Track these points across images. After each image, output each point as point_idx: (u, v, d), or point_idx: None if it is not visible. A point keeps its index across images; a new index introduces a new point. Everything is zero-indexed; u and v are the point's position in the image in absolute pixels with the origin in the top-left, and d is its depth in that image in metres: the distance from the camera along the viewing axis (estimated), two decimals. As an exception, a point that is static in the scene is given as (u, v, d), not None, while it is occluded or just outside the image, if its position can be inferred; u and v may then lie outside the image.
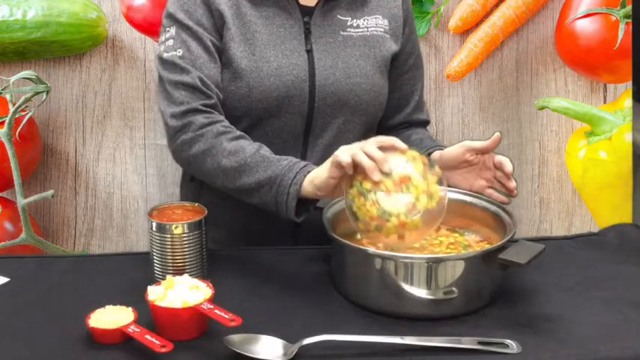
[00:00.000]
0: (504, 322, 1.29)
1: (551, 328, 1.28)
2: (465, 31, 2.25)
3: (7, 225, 2.16)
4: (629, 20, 2.16)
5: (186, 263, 1.38)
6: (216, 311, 1.22)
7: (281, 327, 1.25)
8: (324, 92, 1.57)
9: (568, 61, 2.25)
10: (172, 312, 1.24)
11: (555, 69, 2.27)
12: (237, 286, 1.41)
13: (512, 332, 1.25)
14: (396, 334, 1.23)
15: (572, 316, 1.31)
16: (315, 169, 1.40)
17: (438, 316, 1.30)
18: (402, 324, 1.28)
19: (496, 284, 1.36)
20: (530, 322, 1.29)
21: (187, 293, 1.26)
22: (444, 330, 1.26)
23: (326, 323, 1.28)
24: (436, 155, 1.55)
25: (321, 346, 1.20)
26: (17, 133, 2.08)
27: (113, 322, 1.24)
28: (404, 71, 1.70)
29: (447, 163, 1.51)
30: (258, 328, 1.23)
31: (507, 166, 1.45)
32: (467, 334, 1.24)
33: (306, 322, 1.29)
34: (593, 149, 2.23)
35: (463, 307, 1.31)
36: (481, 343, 1.22)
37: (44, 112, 2.20)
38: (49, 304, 1.37)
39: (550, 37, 2.26)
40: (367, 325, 1.29)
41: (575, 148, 2.26)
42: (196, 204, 1.45)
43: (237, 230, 1.64)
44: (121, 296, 1.32)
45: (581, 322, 1.29)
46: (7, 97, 2.08)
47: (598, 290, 1.39)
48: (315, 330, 1.22)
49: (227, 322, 1.20)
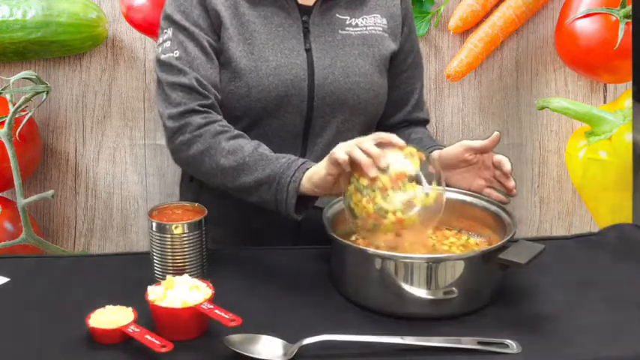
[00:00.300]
0: (504, 322, 1.29)
1: (551, 328, 1.28)
2: (465, 31, 2.25)
3: (7, 225, 2.16)
4: (629, 20, 2.16)
5: (186, 263, 1.38)
6: (216, 311, 1.22)
7: (281, 327, 1.25)
8: (323, 91, 1.57)
9: (568, 61, 2.25)
10: (172, 312, 1.24)
11: (555, 69, 2.27)
12: (237, 286, 1.41)
13: (512, 332, 1.25)
14: (396, 334, 1.23)
15: (572, 316, 1.31)
16: (314, 166, 1.40)
17: (438, 316, 1.30)
18: (402, 324, 1.28)
19: (496, 284, 1.36)
20: (530, 322, 1.29)
21: (187, 293, 1.26)
22: (444, 330, 1.26)
23: (326, 323, 1.27)
24: (435, 155, 1.55)
25: (321, 346, 1.20)
26: (17, 133, 2.08)
27: (113, 322, 1.24)
28: (403, 70, 1.70)
29: (446, 162, 1.51)
30: (258, 328, 1.23)
31: (506, 165, 1.45)
32: (467, 334, 1.24)
33: (306, 322, 1.29)
34: (593, 149, 2.23)
35: (463, 307, 1.31)
36: (481, 343, 1.22)
37: (44, 112, 2.20)
38: (49, 304, 1.37)
39: (550, 37, 2.26)
40: (367, 325, 1.29)
41: (575, 148, 2.26)
42: (196, 204, 1.45)
43: (237, 230, 1.64)
44: (121, 296, 1.32)
45: (581, 322, 1.29)
46: (7, 97, 2.08)
47: (598, 290, 1.39)
48: (315, 330, 1.22)
49: (227, 322, 1.20)
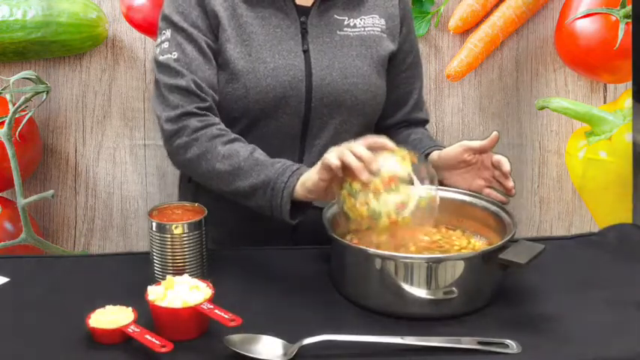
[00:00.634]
0: (504, 322, 1.29)
1: (551, 328, 1.28)
2: (465, 31, 2.25)
3: (7, 225, 2.16)
4: (629, 20, 2.16)
5: (186, 263, 1.38)
6: (216, 311, 1.22)
7: (281, 327, 1.25)
8: (320, 92, 1.57)
9: (568, 61, 2.25)
10: (172, 312, 1.24)
11: (555, 69, 2.27)
12: (237, 286, 1.41)
13: (512, 332, 1.25)
14: (396, 334, 1.23)
15: (572, 316, 1.31)
16: (307, 171, 1.40)
17: (438, 316, 1.30)
18: (402, 324, 1.28)
19: (496, 284, 1.36)
20: (530, 322, 1.29)
21: (187, 293, 1.26)
22: (444, 330, 1.26)
23: (326, 323, 1.27)
24: (434, 155, 1.55)
25: (321, 346, 1.20)
26: (17, 133, 2.08)
27: (113, 322, 1.24)
28: (402, 70, 1.70)
29: (446, 162, 1.51)
30: (258, 328, 1.23)
31: (505, 165, 1.45)
32: (467, 334, 1.24)
33: (306, 322, 1.29)
34: (593, 149, 2.23)
35: (463, 307, 1.31)
36: (481, 343, 1.22)
37: (44, 112, 2.20)
38: (49, 304, 1.37)
39: (550, 37, 2.26)
40: (367, 325, 1.29)
41: (575, 148, 2.26)
42: (196, 204, 1.45)
43: (236, 230, 1.64)
44: (121, 296, 1.32)
45: (581, 322, 1.29)
46: (7, 97, 2.08)
47: (598, 290, 1.39)
48: (315, 330, 1.22)
49: (227, 322, 1.20)
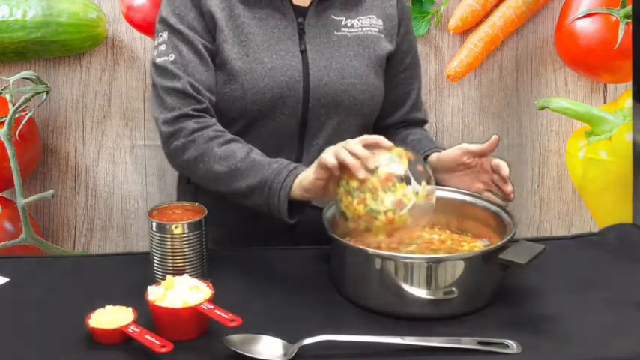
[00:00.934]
0: (504, 322, 1.29)
1: (551, 328, 1.28)
2: (465, 31, 2.25)
3: (7, 225, 2.16)
4: (629, 20, 2.16)
5: (186, 263, 1.38)
6: (216, 311, 1.22)
7: (281, 327, 1.25)
8: (318, 93, 1.57)
9: (568, 61, 2.25)
10: (172, 312, 1.24)
11: (555, 69, 2.27)
12: (237, 286, 1.41)
13: (512, 332, 1.25)
14: (396, 334, 1.23)
15: (572, 316, 1.31)
16: (304, 170, 1.40)
17: (438, 316, 1.30)
18: (402, 324, 1.28)
19: (496, 284, 1.36)
20: (530, 322, 1.29)
21: (187, 293, 1.26)
22: (444, 330, 1.26)
23: (326, 323, 1.27)
24: (433, 157, 1.55)
25: (321, 346, 1.20)
26: (17, 133, 2.08)
27: (113, 322, 1.24)
28: (400, 70, 1.70)
29: (444, 165, 1.51)
30: (258, 328, 1.23)
31: (504, 170, 1.45)
32: (467, 334, 1.24)
33: (306, 322, 1.29)
34: (593, 149, 2.23)
35: (463, 307, 1.31)
36: (481, 343, 1.22)
37: (44, 112, 2.20)
38: (49, 304, 1.37)
39: (550, 37, 2.26)
40: (367, 325, 1.29)
41: (575, 148, 2.26)
42: (196, 204, 1.45)
43: (236, 230, 1.64)
44: (121, 296, 1.32)
45: (581, 322, 1.29)
46: (7, 97, 2.08)
47: (598, 290, 1.39)
48: (315, 330, 1.22)
49: (227, 322, 1.20)
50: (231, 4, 1.57)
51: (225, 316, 1.21)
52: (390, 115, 1.72)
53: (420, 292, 1.29)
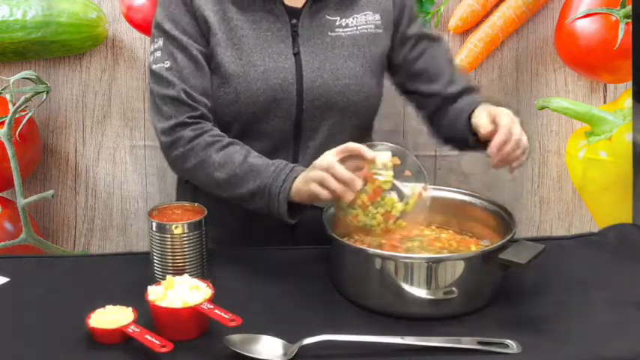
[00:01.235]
0: (504, 322, 1.29)
1: (551, 328, 1.28)
2: (465, 31, 2.25)
3: (7, 225, 2.16)
4: (629, 20, 2.16)
5: (186, 263, 1.38)
6: (216, 311, 1.22)
7: (281, 327, 1.25)
8: (312, 94, 1.57)
9: (568, 61, 2.25)
10: (172, 312, 1.24)
11: (555, 69, 2.27)
12: (237, 286, 1.41)
13: (512, 332, 1.25)
14: (396, 334, 1.23)
15: (572, 316, 1.31)
16: (301, 180, 1.41)
17: (438, 316, 1.30)
18: (402, 324, 1.28)
19: (496, 284, 1.36)
20: (530, 322, 1.29)
21: (187, 293, 1.26)
22: (444, 330, 1.26)
23: (326, 323, 1.28)
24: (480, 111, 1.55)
25: (321, 346, 1.20)
26: (17, 133, 2.08)
27: (113, 322, 1.24)
28: (420, 53, 1.66)
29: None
30: (258, 328, 1.23)
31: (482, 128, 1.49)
32: (467, 334, 1.24)
33: (306, 322, 1.29)
34: (593, 149, 2.22)
35: (463, 307, 1.31)
36: (481, 343, 1.22)
37: (44, 112, 2.20)
38: (49, 304, 1.37)
39: (550, 37, 2.26)
40: (367, 325, 1.29)
41: (575, 148, 2.26)
42: (196, 204, 1.45)
43: (236, 230, 1.64)
44: (121, 296, 1.32)
45: (581, 322, 1.29)
46: (7, 97, 2.07)
47: (598, 290, 1.39)
48: (315, 330, 1.22)
49: (227, 322, 1.20)
50: (224, 7, 1.57)
51: (225, 316, 1.21)
52: (435, 96, 1.67)
53: (420, 292, 1.29)
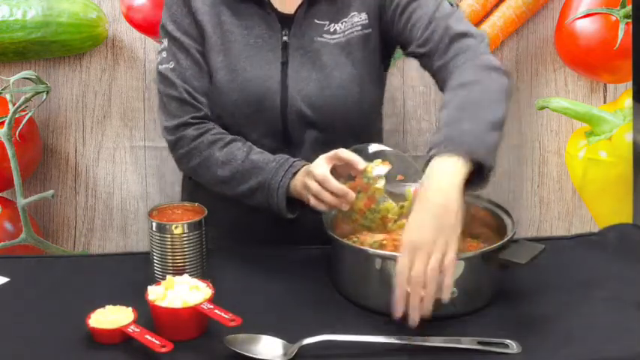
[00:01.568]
0: (504, 322, 1.29)
1: (551, 328, 1.28)
2: (465, 31, 2.25)
3: (7, 225, 2.16)
4: (629, 20, 2.16)
5: (186, 263, 1.38)
6: (216, 311, 1.22)
7: (281, 327, 1.25)
8: (296, 105, 1.55)
9: (568, 61, 2.25)
10: (172, 312, 1.24)
11: (555, 69, 2.27)
12: (237, 286, 1.41)
13: (512, 332, 1.25)
14: (395, 334, 1.23)
15: (572, 316, 1.31)
16: (300, 175, 1.43)
17: (438, 316, 1.30)
18: (402, 324, 1.28)
19: (496, 284, 1.36)
20: (530, 322, 1.29)
21: (187, 293, 1.26)
22: (444, 330, 1.26)
23: (326, 323, 1.27)
24: None
25: (321, 346, 1.20)
26: (17, 133, 2.08)
27: (113, 322, 1.24)
28: (408, 18, 1.53)
29: None
30: (258, 328, 1.23)
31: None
32: (467, 334, 1.24)
33: (306, 322, 1.29)
34: (593, 149, 2.22)
35: (463, 307, 1.31)
36: (481, 343, 1.22)
37: (44, 112, 2.20)
38: (49, 304, 1.37)
39: (550, 37, 2.26)
40: (367, 325, 1.29)
41: (575, 148, 2.26)
42: (196, 204, 1.45)
43: (237, 230, 1.64)
44: (121, 296, 1.32)
45: (581, 322, 1.29)
46: (7, 97, 2.07)
47: (598, 290, 1.39)
48: (315, 330, 1.22)
49: (227, 322, 1.21)
50: (219, 11, 1.56)
51: (225, 316, 1.21)
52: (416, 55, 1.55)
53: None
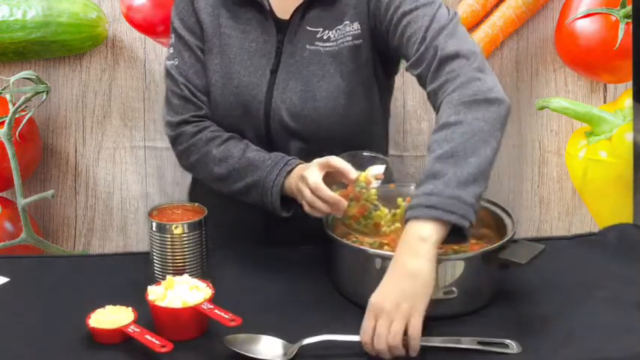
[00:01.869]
0: (504, 322, 1.29)
1: (551, 328, 1.28)
2: (465, 31, 2.25)
3: (7, 225, 2.16)
4: (629, 20, 2.16)
5: (186, 263, 1.38)
6: (216, 311, 1.22)
7: (281, 327, 1.25)
8: (279, 115, 1.53)
9: (568, 61, 2.25)
10: (172, 312, 1.24)
11: (555, 69, 2.27)
12: (237, 286, 1.41)
13: (512, 332, 1.25)
14: (396, 334, 1.23)
15: (572, 316, 1.31)
16: (294, 176, 1.43)
17: (438, 316, 1.30)
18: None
19: (496, 284, 1.36)
20: (530, 322, 1.29)
21: (187, 293, 1.26)
22: (444, 330, 1.26)
23: (326, 323, 1.27)
24: None
25: (321, 346, 1.20)
26: (17, 133, 2.08)
27: (113, 322, 1.24)
28: (402, 31, 1.45)
29: None
30: (258, 328, 1.23)
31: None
32: (467, 334, 1.24)
33: (306, 322, 1.29)
34: (593, 149, 2.22)
35: (463, 307, 1.31)
36: (481, 343, 1.22)
37: (44, 112, 2.20)
38: (49, 304, 1.37)
39: (550, 37, 2.26)
40: (367, 325, 1.28)
41: (575, 148, 2.26)
42: (196, 204, 1.45)
43: (237, 230, 1.64)
44: (121, 296, 1.32)
45: (581, 322, 1.29)
46: (7, 97, 2.07)
47: (598, 290, 1.39)
48: (315, 330, 1.22)
49: (227, 322, 1.21)
50: (218, 13, 1.56)
51: (225, 316, 1.21)
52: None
53: (420, 292, 1.29)
